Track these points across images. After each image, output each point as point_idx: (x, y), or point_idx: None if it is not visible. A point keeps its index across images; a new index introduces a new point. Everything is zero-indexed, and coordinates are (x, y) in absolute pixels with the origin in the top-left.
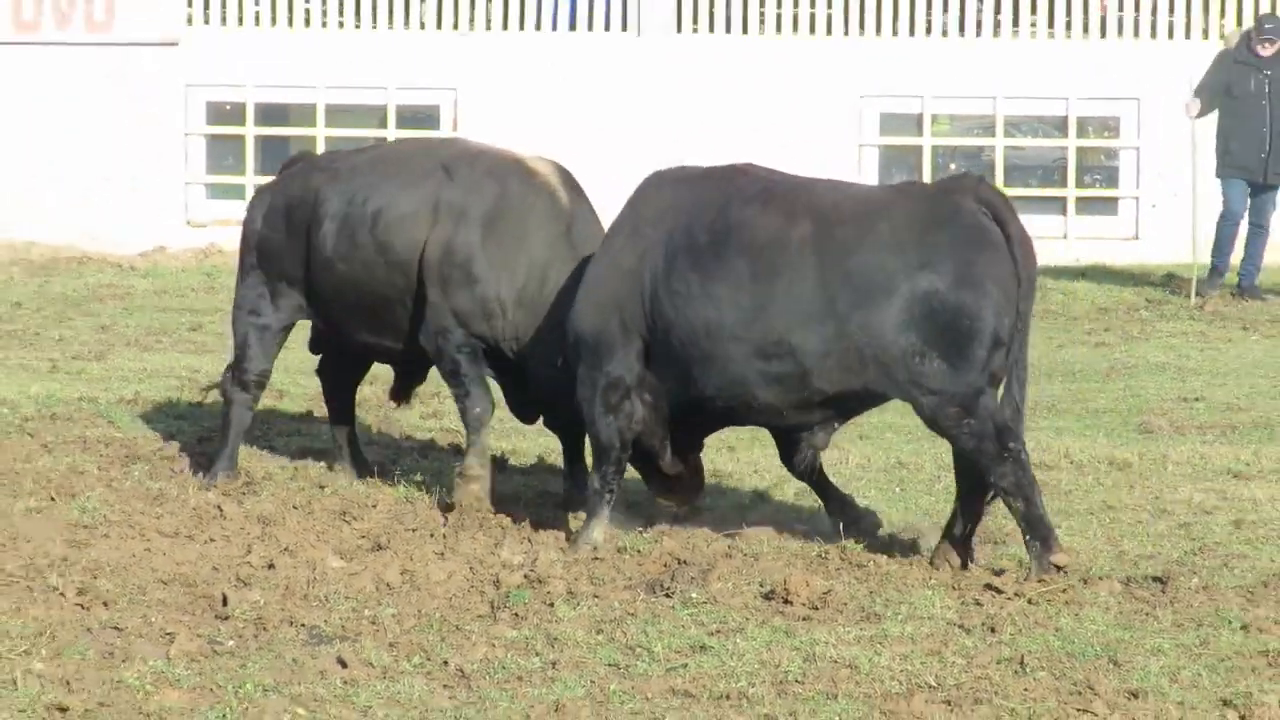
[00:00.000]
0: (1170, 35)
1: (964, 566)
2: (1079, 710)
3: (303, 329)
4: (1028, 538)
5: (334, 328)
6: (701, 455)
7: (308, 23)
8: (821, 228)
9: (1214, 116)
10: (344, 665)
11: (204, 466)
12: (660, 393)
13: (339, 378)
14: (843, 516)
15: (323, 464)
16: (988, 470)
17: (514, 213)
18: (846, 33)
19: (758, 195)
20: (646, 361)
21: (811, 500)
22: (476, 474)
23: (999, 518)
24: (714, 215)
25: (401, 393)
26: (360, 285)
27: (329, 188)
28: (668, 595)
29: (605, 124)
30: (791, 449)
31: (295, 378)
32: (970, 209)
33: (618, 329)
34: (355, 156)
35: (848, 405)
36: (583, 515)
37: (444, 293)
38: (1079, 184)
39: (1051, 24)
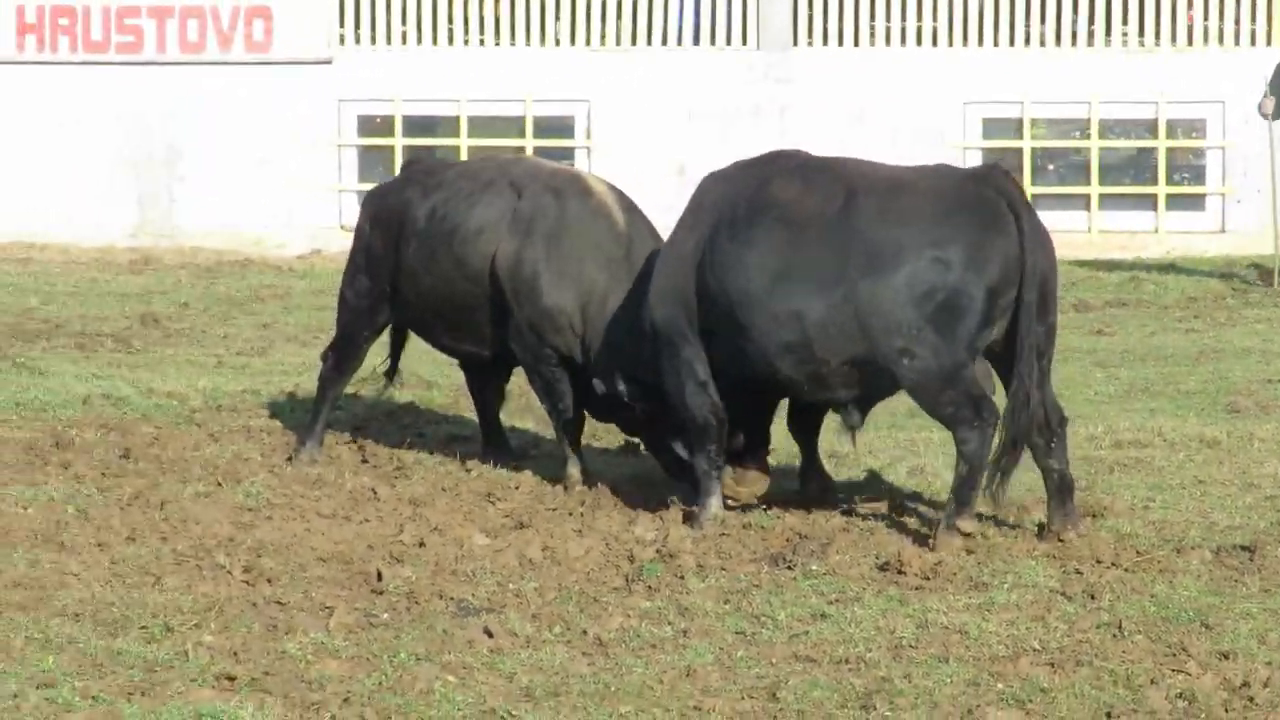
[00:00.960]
0: (1252, 42)
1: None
2: (1174, 670)
3: None
4: (951, 497)
5: (420, 331)
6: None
7: (451, 41)
8: (849, 199)
9: None
10: (490, 635)
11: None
12: (720, 371)
13: (478, 371)
14: (808, 482)
15: (469, 449)
16: (956, 432)
17: (574, 230)
18: (951, 44)
19: (795, 170)
20: (708, 343)
21: (921, 479)
22: (577, 479)
23: (1096, 492)
24: (753, 192)
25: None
26: (440, 294)
27: (419, 202)
28: (790, 567)
29: (726, 131)
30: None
31: (443, 369)
32: (989, 196)
33: (684, 315)
34: (445, 171)
35: (861, 381)
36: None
37: (518, 306)
38: (1168, 182)
39: (1141, 33)
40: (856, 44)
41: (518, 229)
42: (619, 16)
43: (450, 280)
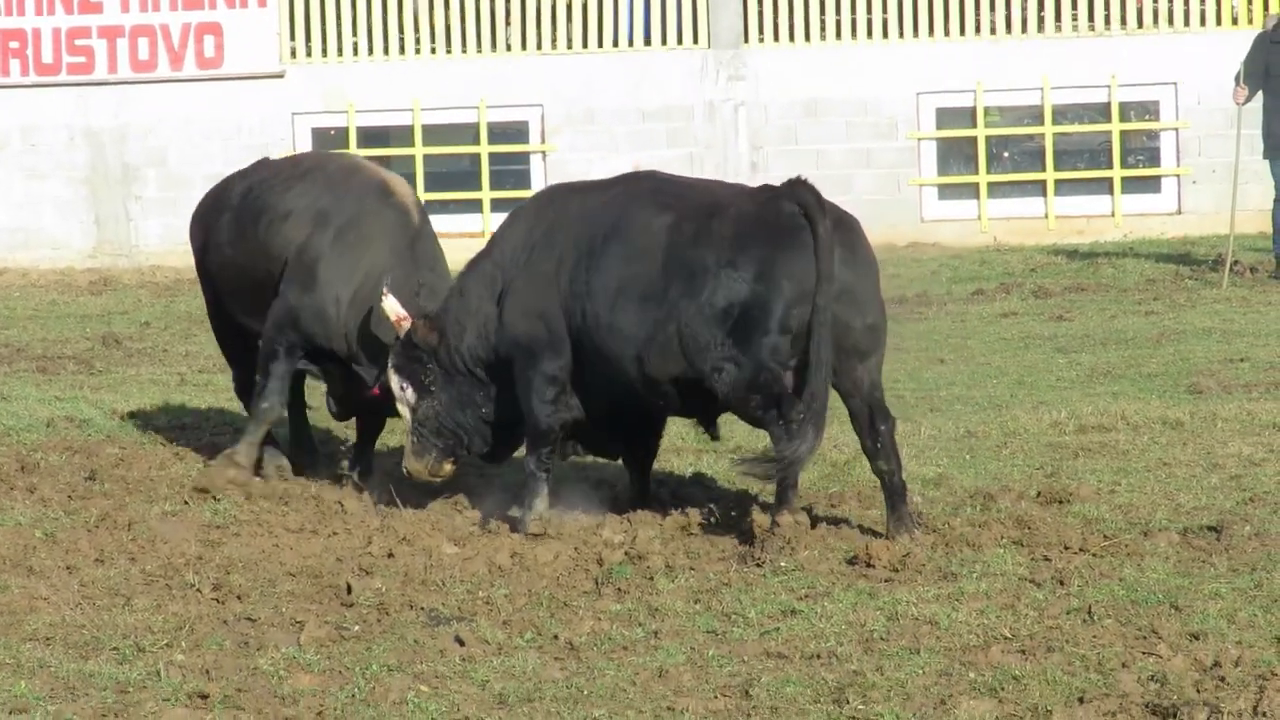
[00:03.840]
0: (1203, 23)
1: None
2: (1144, 653)
3: None
4: (776, 498)
5: (232, 313)
6: None
7: (403, 50)
8: (674, 222)
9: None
10: (462, 644)
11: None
12: (583, 385)
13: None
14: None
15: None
16: (768, 431)
17: (365, 222)
18: (902, 35)
19: (646, 194)
20: (575, 357)
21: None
22: (241, 462)
23: (1061, 477)
24: (613, 216)
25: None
26: (246, 276)
27: (237, 183)
28: (759, 565)
29: (681, 130)
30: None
31: None
32: (787, 210)
33: (544, 331)
34: (267, 168)
35: (696, 396)
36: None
37: (288, 290)
38: (1124, 165)
39: (1092, 17)
40: (808, 39)
41: (315, 221)
42: (569, 20)
43: (252, 258)
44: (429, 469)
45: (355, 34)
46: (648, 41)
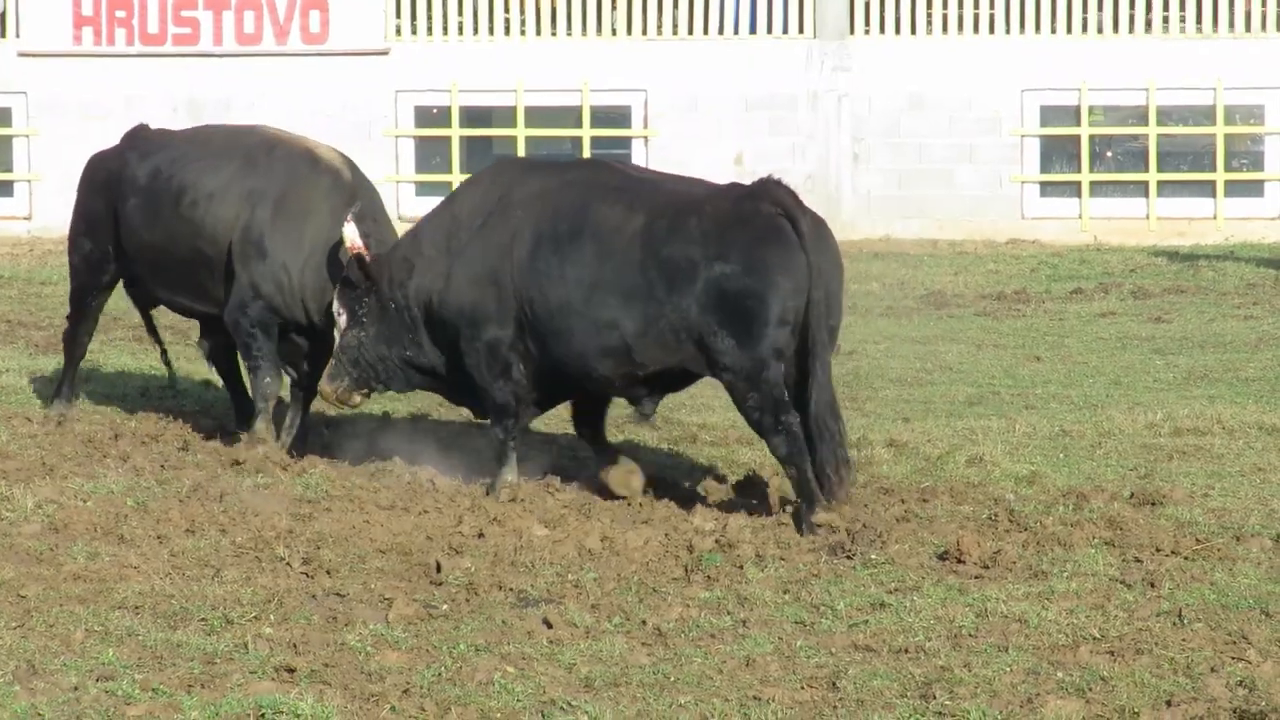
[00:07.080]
0: None
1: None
2: (1234, 659)
3: None
4: (799, 500)
5: (147, 288)
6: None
7: (508, 31)
8: (648, 220)
9: None
10: (549, 626)
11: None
12: (527, 358)
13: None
14: (607, 463)
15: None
16: (765, 439)
17: (301, 191)
18: (1008, 31)
19: (613, 189)
20: (518, 329)
21: (980, 468)
22: (263, 438)
23: (1155, 479)
24: (577, 205)
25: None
26: (166, 253)
27: (137, 163)
28: (849, 557)
29: (783, 120)
30: (585, 415)
31: None
32: (765, 211)
33: (493, 300)
34: (167, 137)
35: (669, 381)
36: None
37: (243, 267)
38: (1227, 168)
39: (1199, 19)
40: (914, 32)
41: (250, 197)
42: (675, 6)
43: (176, 239)
44: (337, 394)
45: (461, 13)
46: (753, 30)
